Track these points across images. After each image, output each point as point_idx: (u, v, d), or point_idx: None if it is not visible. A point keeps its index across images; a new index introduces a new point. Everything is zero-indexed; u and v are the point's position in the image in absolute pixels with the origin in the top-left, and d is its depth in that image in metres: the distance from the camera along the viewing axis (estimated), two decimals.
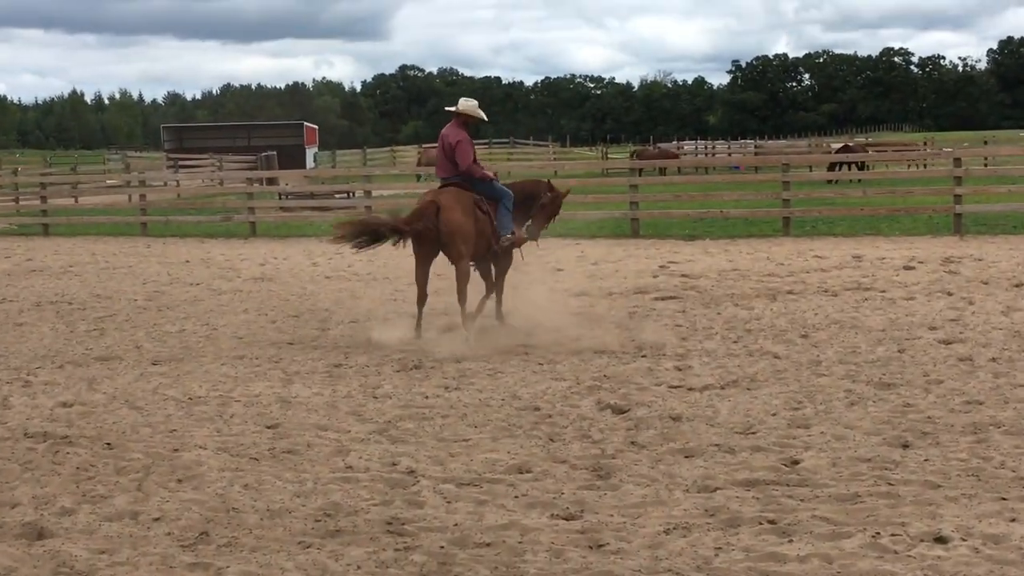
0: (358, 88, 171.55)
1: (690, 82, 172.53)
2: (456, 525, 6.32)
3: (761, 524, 6.18)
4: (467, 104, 12.49)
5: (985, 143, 61.18)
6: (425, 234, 11.97)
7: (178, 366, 11.10)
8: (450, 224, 11.93)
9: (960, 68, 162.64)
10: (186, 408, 9.29)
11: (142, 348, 12.19)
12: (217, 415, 9.01)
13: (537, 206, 13.01)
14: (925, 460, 7.26)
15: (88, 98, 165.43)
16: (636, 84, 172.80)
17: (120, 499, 6.90)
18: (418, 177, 43.66)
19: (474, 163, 12.39)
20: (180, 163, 52.62)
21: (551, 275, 16.27)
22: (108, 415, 9.10)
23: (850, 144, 50.30)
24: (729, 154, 64.99)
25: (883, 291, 14.62)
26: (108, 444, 8.15)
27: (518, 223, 12.67)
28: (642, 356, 10.92)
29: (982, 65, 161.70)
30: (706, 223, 24.91)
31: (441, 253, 12.16)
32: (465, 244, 12.06)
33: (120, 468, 7.54)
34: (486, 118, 12.67)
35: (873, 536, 5.93)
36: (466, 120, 12.45)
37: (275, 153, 51.62)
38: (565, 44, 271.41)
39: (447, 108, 12.72)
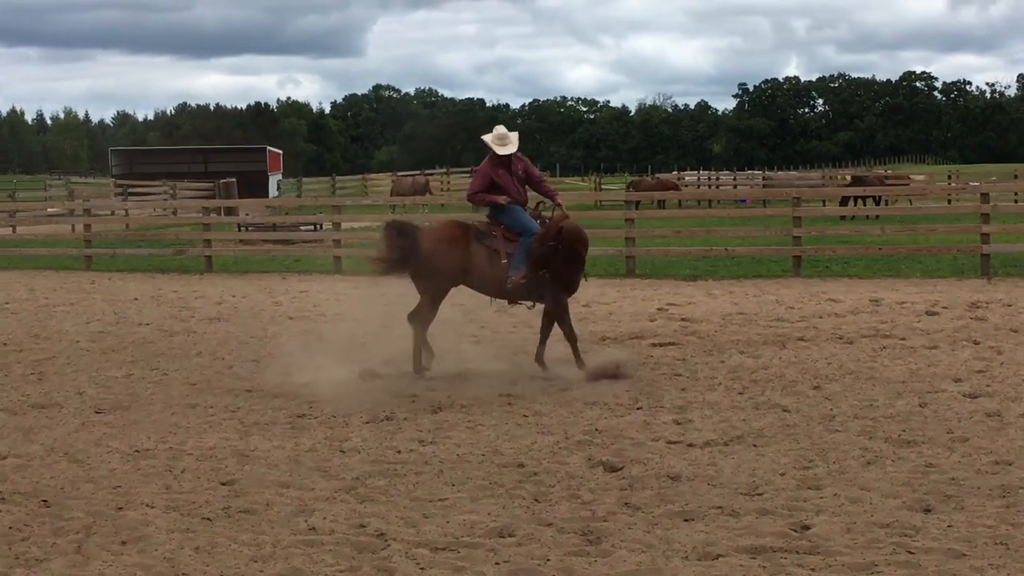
0: (327, 109, 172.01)
1: (692, 106, 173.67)
2: None
3: None
4: (495, 132, 12.92)
5: (1015, 177, 61.57)
6: (400, 261, 12.65)
7: (124, 415, 11.05)
8: (415, 254, 12.55)
9: (988, 94, 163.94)
10: (132, 462, 9.25)
11: (84, 395, 12.14)
12: (166, 470, 8.97)
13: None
14: (949, 526, 7.27)
15: (29, 117, 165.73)
16: (633, 108, 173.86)
17: (57, 563, 6.86)
18: (392, 208, 43.72)
19: (478, 193, 12.82)
20: (129, 190, 52.61)
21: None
22: (46, 469, 9.05)
23: (864, 175, 50.53)
24: (735, 186, 65.33)
25: (903, 339, 14.67)
26: (45, 501, 8.11)
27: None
28: (638, 408, 10.93)
29: (1012, 91, 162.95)
30: (709, 262, 24.99)
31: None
32: (427, 278, 12.55)
33: (58, 528, 7.50)
34: (498, 149, 12.70)
35: None
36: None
37: (235, 180, 51.71)
38: (555, 63, 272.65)
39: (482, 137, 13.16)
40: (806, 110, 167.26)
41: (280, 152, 71.31)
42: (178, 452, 9.53)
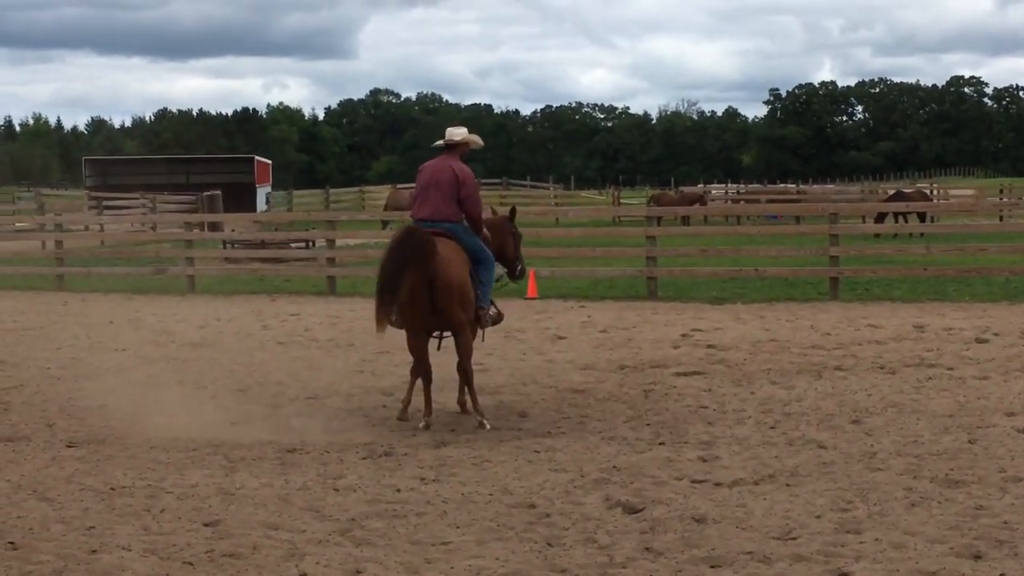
0: (321, 116, 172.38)
1: (720, 114, 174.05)
2: None
3: None
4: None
5: None
6: None
7: (98, 449, 11.06)
8: None
9: None
10: (107, 500, 9.25)
11: (55, 427, 12.16)
12: (144, 510, 8.97)
13: None
14: (1001, 574, 7.25)
15: None
16: (654, 115, 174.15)
17: None
18: (384, 224, 43.74)
19: None
20: (105, 203, 52.73)
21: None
22: (12, 508, 9.06)
23: (905, 191, 50.52)
24: (764, 199, 65.29)
25: (950, 368, 14.66)
26: (11, 543, 8.10)
27: None
28: (660, 443, 10.92)
29: None
30: (738, 283, 24.98)
31: None
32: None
33: (26, 573, 7.50)
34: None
35: None
36: None
37: (220, 193, 51.81)
38: (565, 67, 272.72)
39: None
40: (844, 118, 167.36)
41: (269, 162, 71.43)
42: (157, 490, 9.53)
